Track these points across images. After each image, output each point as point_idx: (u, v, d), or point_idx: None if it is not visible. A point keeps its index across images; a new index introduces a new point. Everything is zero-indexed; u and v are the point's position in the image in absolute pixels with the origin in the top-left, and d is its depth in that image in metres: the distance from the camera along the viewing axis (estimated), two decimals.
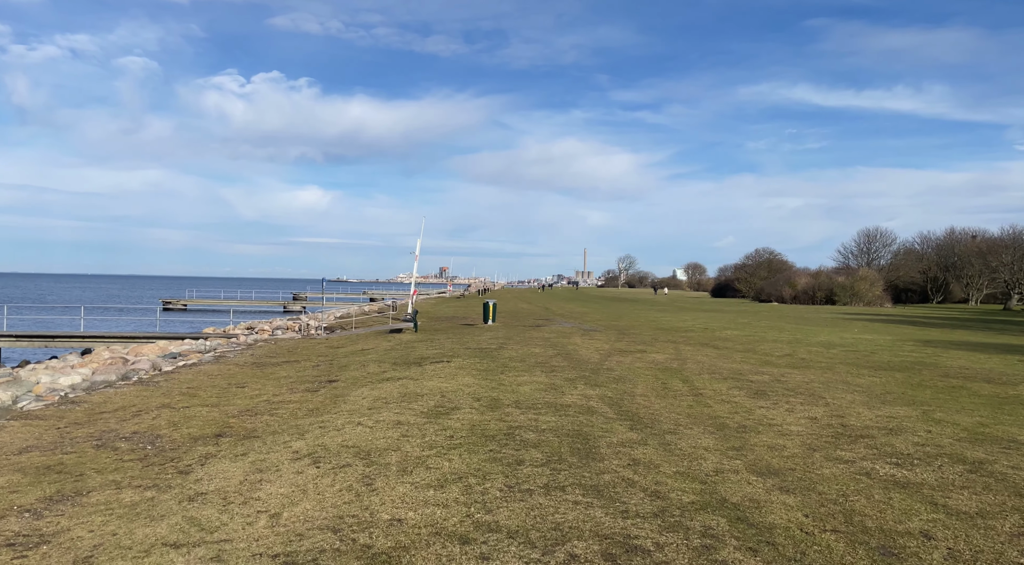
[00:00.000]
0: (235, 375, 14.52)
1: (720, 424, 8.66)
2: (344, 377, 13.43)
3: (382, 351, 18.48)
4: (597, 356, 16.41)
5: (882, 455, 7.17)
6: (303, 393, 11.53)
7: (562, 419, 8.63)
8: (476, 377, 12.37)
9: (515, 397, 10.29)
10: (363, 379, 12.89)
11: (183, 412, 9.94)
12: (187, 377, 14.31)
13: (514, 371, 13.29)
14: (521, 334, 22.87)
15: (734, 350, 18.69)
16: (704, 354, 17.32)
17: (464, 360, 15.11)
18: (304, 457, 6.80)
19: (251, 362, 17.36)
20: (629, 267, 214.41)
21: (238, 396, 11.48)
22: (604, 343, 19.93)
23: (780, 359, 16.62)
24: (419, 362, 15.05)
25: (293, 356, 18.78)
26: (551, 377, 12.54)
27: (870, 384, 12.56)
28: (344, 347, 21.28)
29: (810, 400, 10.53)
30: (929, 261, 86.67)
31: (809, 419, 9.07)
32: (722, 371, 13.91)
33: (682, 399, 10.55)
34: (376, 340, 22.58)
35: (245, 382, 13.29)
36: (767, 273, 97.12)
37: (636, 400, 10.35)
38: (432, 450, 6.96)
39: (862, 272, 73.78)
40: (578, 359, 15.65)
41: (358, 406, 9.76)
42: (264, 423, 8.94)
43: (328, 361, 16.98)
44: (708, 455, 7.00)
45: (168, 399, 11.29)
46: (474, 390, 10.90)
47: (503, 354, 16.42)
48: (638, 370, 13.85)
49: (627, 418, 8.88)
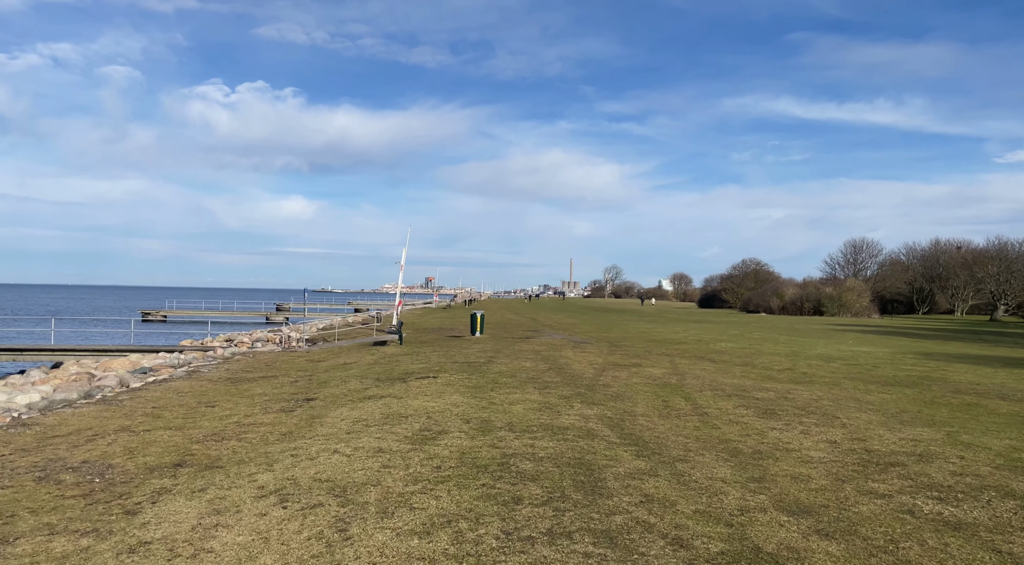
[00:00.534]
0: (206, 393, 13.60)
1: (733, 449, 7.90)
2: (323, 395, 12.56)
3: (365, 365, 17.61)
4: (591, 371, 15.64)
5: (920, 487, 6.43)
6: (277, 414, 10.65)
7: (561, 444, 7.83)
8: (465, 395, 11.55)
9: (508, 418, 9.48)
10: (343, 397, 12.03)
11: (143, 436, 9.04)
12: (154, 395, 13.38)
13: (505, 388, 12.48)
14: (510, 347, 22.06)
15: (732, 364, 17.99)
16: (702, 368, 16.59)
17: (451, 375, 14.28)
18: (270, 494, 5.95)
19: (225, 378, 16.43)
20: (615, 277, 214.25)
21: (206, 417, 10.58)
22: (597, 356, 19.17)
23: (781, 373, 15.93)
24: (404, 378, 14.20)
25: (271, 371, 17.86)
26: (545, 395, 11.74)
27: (882, 401, 11.87)
28: (325, 361, 20.37)
29: (824, 420, 9.80)
30: (915, 272, 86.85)
31: (828, 443, 8.33)
32: (724, 387, 13.18)
33: (687, 420, 9.78)
34: (359, 353, 21.69)
35: (216, 400, 12.38)
36: (754, 284, 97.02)
37: (638, 421, 9.58)
38: (417, 485, 6.13)
39: (849, 283, 73.64)
40: (572, 374, 14.86)
41: (336, 430, 8.91)
42: (230, 450, 8.06)
43: (307, 376, 16.08)
44: (728, 489, 6.23)
45: (129, 420, 10.38)
46: (463, 410, 10.08)
47: (493, 369, 15.60)
48: (636, 386, 13.08)
49: (632, 443, 8.10)
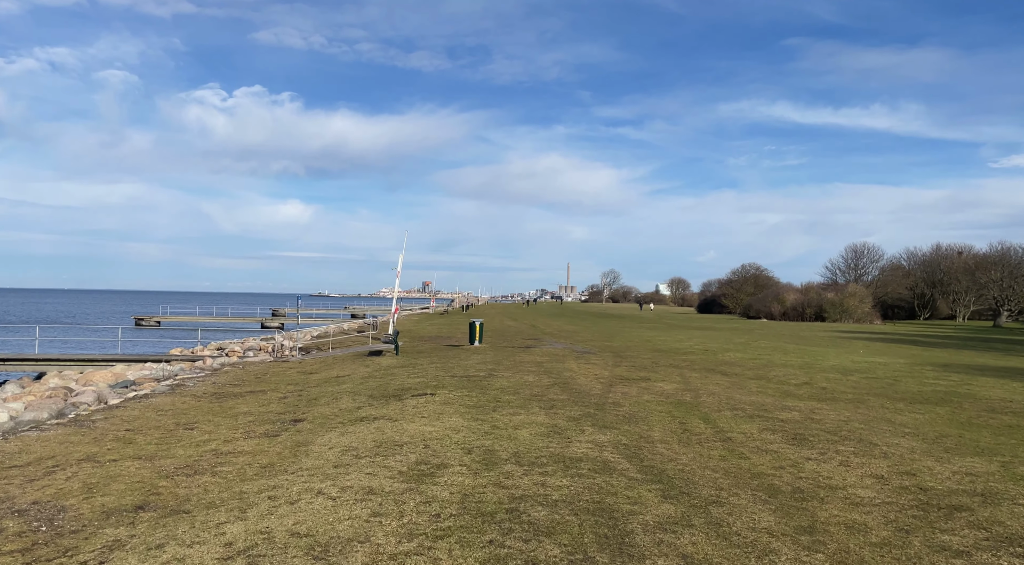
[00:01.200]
0: (187, 411, 12.67)
1: (770, 487, 7.00)
2: (312, 415, 11.63)
3: (358, 379, 16.68)
4: (598, 386, 14.73)
5: (998, 541, 5.53)
6: (260, 439, 9.72)
7: (576, 482, 6.92)
8: (465, 417, 10.63)
9: (513, 446, 8.57)
10: (333, 418, 11.10)
11: (107, 469, 8.11)
12: (132, 414, 12.45)
13: (508, 407, 11.57)
14: (511, 357, 21.15)
15: (745, 377, 17.10)
16: (715, 383, 15.69)
17: (450, 392, 13.36)
18: (237, 556, 5.02)
19: (211, 393, 15.50)
20: (613, 282, 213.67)
21: (182, 443, 9.65)
22: (602, 369, 18.26)
23: (799, 388, 15.03)
24: (399, 395, 13.28)
25: (260, 384, 16.93)
26: (552, 416, 10.83)
27: (916, 423, 10.97)
28: (318, 373, 19.45)
29: (862, 449, 8.89)
30: (916, 277, 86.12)
31: (875, 478, 7.43)
32: (743, 406, 12.28)
33: (711, 447, 8.88)
34: (353, 365, 20.76)
35: (196, 421, 11.45)
36: (753, 289, 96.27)
37: (657, 449, 8.67)
38: (412, 541, 5.22)
39: (851, 288, 72.85)
40: (578, 390, 13.95)
41: (322, 461, 7.98)
42: (201, 488, 7.14)
43: (297, 392, 15.16)
44: (778, 545, 5.32)
45: (97, 447, 9.44)
46: (464, 436, 9.17)
47: (494, 384, 14.69)
48: (648, 405, 12.18)
49: (654, 478, 7.19)
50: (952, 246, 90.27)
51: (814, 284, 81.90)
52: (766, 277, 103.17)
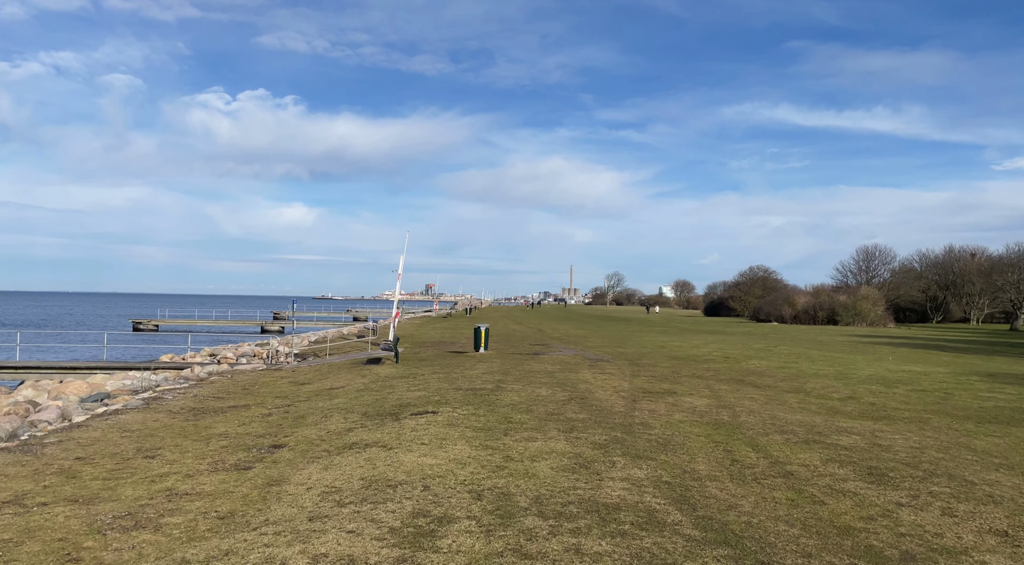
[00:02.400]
0: (156, 432, 11.11)
1: (870, 551, 5.42)
2: (295, 439, 10.06)
3: (353, 392, 15.11)
4: (620, 401, 13.15)
5: None
6: (228, 473, 8.16)
7: (619, 547, 5.34)
8: (472, 443, 9.06)
9: (533, 487, 6.99)
10: (319, 444, 9.54)
11: (30, 518, 6.55)
12: (91, 436, 10.89)
13: (522, 430, 10.00)
14: (519, 366, 19.58)
15: (779, 389, 15.50)
16: (749, 397, 14.10)
17: (455, 410, 11.79)
18: None
19: (189, 408, 13.95)
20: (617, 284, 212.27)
21: (135, 477, 8.09)
22: (620, 379, 16.68)
23: (846, 404, 13.44)
24: (396, 413, 11.71)
25: (246, 397, 15.37)
26: (573, 442, 9.25)
27: (1001, 451, 9.37)
28: (311, 383, 17.90)
29: (960, 489, 7.30)
30: (928, 280, 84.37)
31: (997, 535, 5.84)
32: (791, 427, 10.69)
33: (772, 486, 7.30)
34: (349, 374, 19.20)
35: (160, 447, 9.89)
36: (762, 291, 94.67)
37: (708, 489, 7.09)
38: None
39: (864, 291, 71.11)
40: (598, 407, 12.37)
41: (295, 509, 6.41)
42: (135, 552, 5.57)
43: (284, 408, 13.60)
44: None
45: (34, 482, 7.89)
46: (472, 472, 7.60)
47: (503, 399, 13.12)
48: (682, 427, 10.60)
49: (718, 537, 5.62)
50: (965, 248, 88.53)
51: (825, 286, 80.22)
52: (774, 280, 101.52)
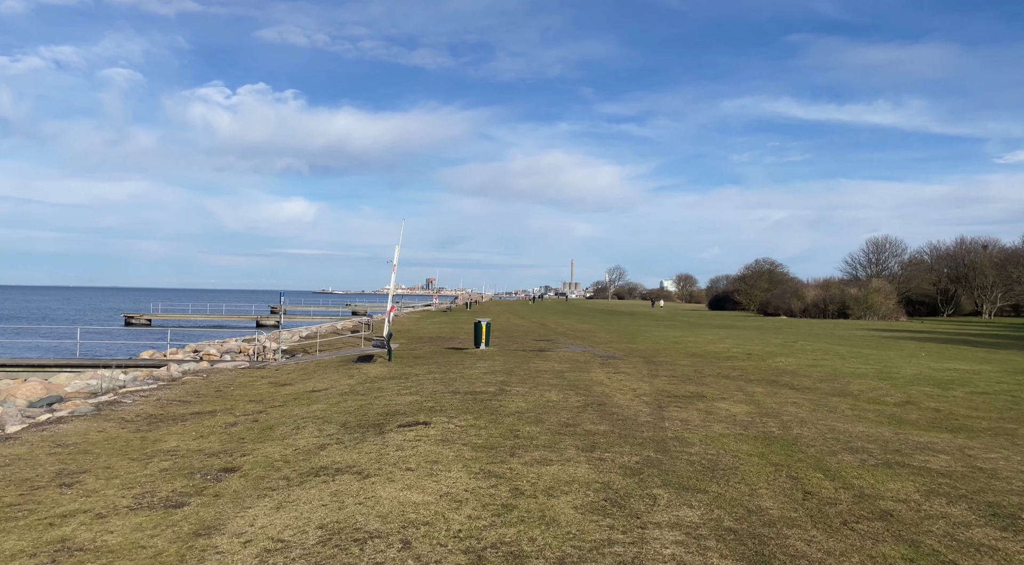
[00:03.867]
0: (92, 448, 9.24)
1: None
2: (253, 460, 8.19)
3: (336, 396, 13.24)
4: (644, 408, 11.27)
5: None
6: (152, 512, 6.28)
7: None
8: (470, 469, 7.19)
9: (553, 542, 5.12)
10: (280, 468, 7.67)
11: None
12: (14, 452, 9.03)
13: (532, 448, 8.13)
14: (524, 365, 17.71)
15: (821, 392, 13.62)
16: (791, 402, 12.21)
17: (451, 420, 9.93)
18: None
19: (146, 415, 12.09)
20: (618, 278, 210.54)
21: (30, 519, 6.22)
22: (638, 380, 14.80)
23: (906, 411, 11.55)
24: (381, 424, 9.83)
25: (215, 401, 13.51)
26: (597, 465, 7.38)
27: None
28: (292, 384, 16.04)
29: None
30: (939, 272, 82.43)
31: None
32: (860, 443, 8.81)
33: (874, 536, 5.41)
34: (336, 374, 17.34)
35: (87, 469, 8.02)
36: (768, 285, 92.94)
37: (790, 543, 5.22)
38: None
39: (875, 284, 69.12)
40: (620, 415, 10.50)
41: None
42: None
43: (255, 415, 11.73)
44: None
45: None
46: (469, 516, 5.72)
47: (508, 405, 11.24)
48: (726, 443, 8.71)
49: None
50: (976, 239, 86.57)
51: (835, 279, 78.24)
52: (780, 273, 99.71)
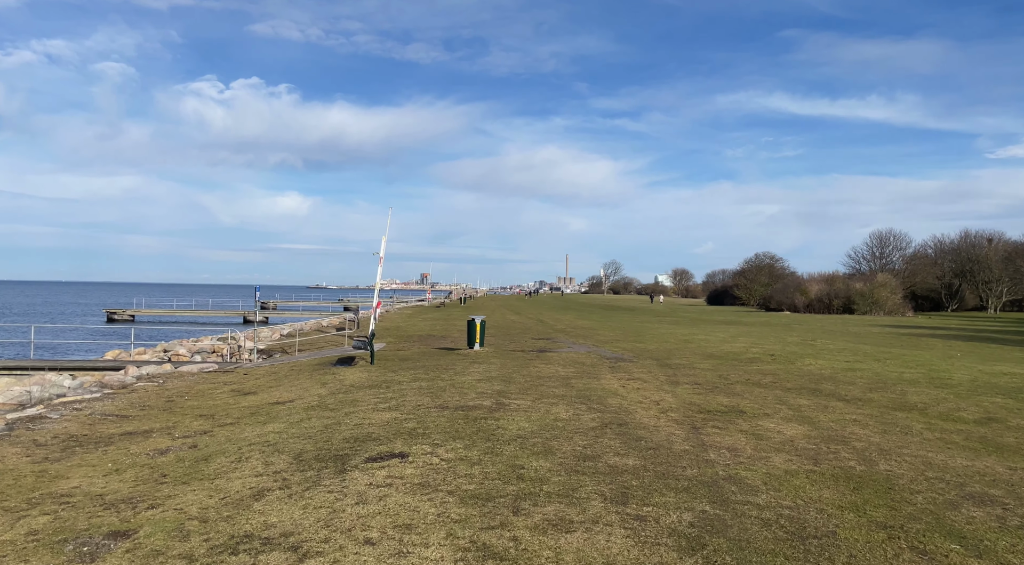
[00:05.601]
0: None
1: None
2: (159, 518, 5.98)
3: (300, 411, 11.03)
4: (677, 431, 9.09)
5: None
6: None
7: None
8: (456, 544, 4.99)
9: None
10: (190, 534, 5.47)
11: None
12: None
13: (542, 499, 5.96)
14: (524, 369, 15.54)
15: (878, 404, 11.48)
16: (853, 420, 10.06)
17: (435, 449, 7.74)
18: None
19: (67, 436, 9.89)
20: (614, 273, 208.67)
21: None
22: (658, 389, 12.64)
23: (996, 431, 9.41)
24: (345, 456, 7.64)
25: (157, 417, 11.30)
26: (636, 533, 5.20)
27: None
28: (256, 393, 13.85)
29: None
30: (943, 266, 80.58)
31: None
32: (981, 489, 6.65)
33: None
34: (309, 380, 15.13)
35: None
36: (768, 279, 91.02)
37: None
38: None
39: (881, 278, 67.15)
40: (647, 440, 8.33)
41: None
42: None
43: (196, 437, 9.52)
44: None
45: None
46: None
47: (507, 426, 9.06)
48: (799, 487, 6.54)
49: None
50: (981, 232, 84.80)
51: (839, 274, 76.32)
52: (780, 267, 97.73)
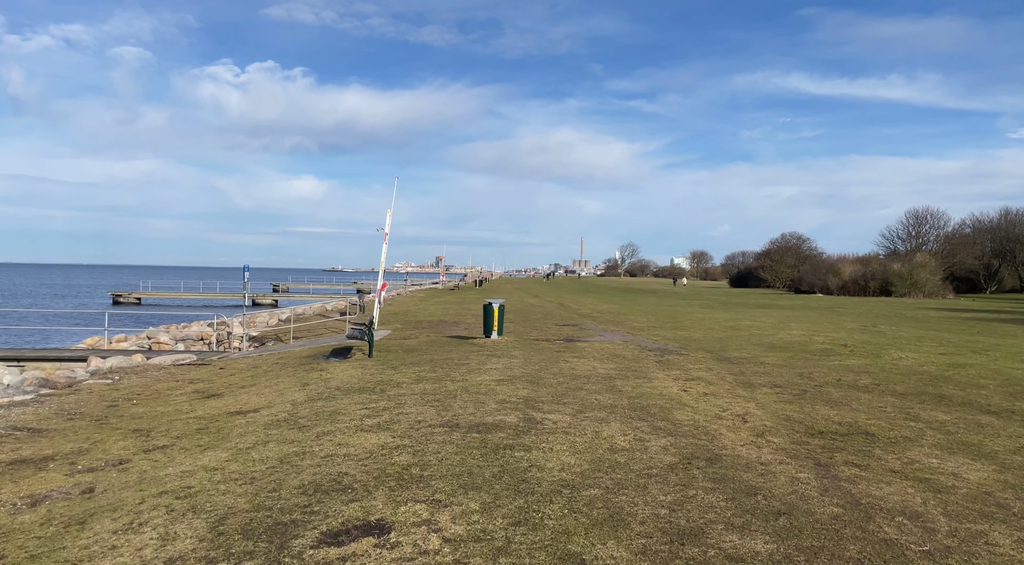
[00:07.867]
0: None
1: None
2: None
3: (260, 430, 8.18)
4: (803, 475, 6.15)
5: None
6: None
7: None
8: None
9: None
10: None
11: None
12: None
13: None
14: (553, 364, 12.64)
15: None
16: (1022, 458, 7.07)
17: (434, 515, 4.86)
18: None
19: None
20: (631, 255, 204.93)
21: None
22: (730, 395, 9.68)
23: None
24: (288, 533, 4.77)
25: (77, 434, 8.50)
26: None
27: None
28: (222, 395, 11.06)
29: None
30: (983, 246, 76.62)
31: None
32: None
33: None
34: (290, 378, 12.33)
35: None
36: (795, 260, 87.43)
37: None
38: None
39: (920, 259, 63.39)
40: (763, 493, 5.40)
41: None
42: None
43: (99, 473, 6.70)
44: None
45: None
46: None
47: (542, 462, 6.16)
48: None
49: None
50: (1022, 211, 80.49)
51: (875, 255, 72.63)
52: (808, 249, 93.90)
